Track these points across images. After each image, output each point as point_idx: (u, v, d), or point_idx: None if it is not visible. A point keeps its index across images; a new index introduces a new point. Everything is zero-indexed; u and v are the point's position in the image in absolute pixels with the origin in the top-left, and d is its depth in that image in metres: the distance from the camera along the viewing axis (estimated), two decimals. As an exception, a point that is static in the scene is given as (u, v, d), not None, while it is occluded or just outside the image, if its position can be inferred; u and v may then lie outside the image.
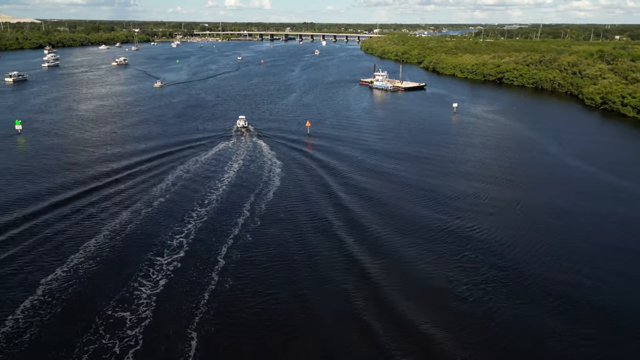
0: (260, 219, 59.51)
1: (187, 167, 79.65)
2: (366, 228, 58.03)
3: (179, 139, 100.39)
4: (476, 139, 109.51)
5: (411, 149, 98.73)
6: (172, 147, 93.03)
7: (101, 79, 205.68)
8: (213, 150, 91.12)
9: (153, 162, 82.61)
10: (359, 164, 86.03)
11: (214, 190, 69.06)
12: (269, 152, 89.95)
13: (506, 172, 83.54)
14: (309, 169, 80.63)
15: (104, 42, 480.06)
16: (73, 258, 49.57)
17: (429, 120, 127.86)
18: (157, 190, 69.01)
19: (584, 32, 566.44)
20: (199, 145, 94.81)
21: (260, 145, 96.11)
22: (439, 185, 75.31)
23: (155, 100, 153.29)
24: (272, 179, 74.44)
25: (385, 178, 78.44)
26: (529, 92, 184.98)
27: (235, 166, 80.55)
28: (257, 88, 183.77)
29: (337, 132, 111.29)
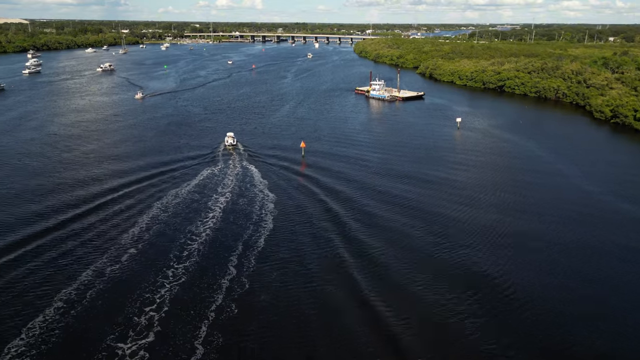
0: (248, 280, 50.20)
1: (165, 204, 70.00)
2: (376, 269, 49.85)
3: (158, 164, 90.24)
4: (484, 159, 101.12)
5: (415, 171, 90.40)
6: (150, 175, 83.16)
7: (82, 88, 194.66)
8: (196, 179, 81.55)
9: (125, 197, 72.65)
10: (360, 191, 77.36)
11: (195, 237, 59.54)
12: (260, 181, 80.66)
13: (522, 199, 76.05)
14: (304, 203, 71.47)
15: (90, 45, 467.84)
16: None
17: (431, 137, 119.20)
18: (126, 239, 59.16)
19: (577, 34, 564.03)
20: (181, 172, 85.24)
21: (250, 171, 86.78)
22: (449, 215, 67.85)
23: (136, 114, 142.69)
24: (263, 219, 65.19)
25: (389, 206, 70.56)
26: (531, 102, 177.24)
27: (221, 201, 71.15)
28: (247, 98, 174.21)
29: (334, 153, 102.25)
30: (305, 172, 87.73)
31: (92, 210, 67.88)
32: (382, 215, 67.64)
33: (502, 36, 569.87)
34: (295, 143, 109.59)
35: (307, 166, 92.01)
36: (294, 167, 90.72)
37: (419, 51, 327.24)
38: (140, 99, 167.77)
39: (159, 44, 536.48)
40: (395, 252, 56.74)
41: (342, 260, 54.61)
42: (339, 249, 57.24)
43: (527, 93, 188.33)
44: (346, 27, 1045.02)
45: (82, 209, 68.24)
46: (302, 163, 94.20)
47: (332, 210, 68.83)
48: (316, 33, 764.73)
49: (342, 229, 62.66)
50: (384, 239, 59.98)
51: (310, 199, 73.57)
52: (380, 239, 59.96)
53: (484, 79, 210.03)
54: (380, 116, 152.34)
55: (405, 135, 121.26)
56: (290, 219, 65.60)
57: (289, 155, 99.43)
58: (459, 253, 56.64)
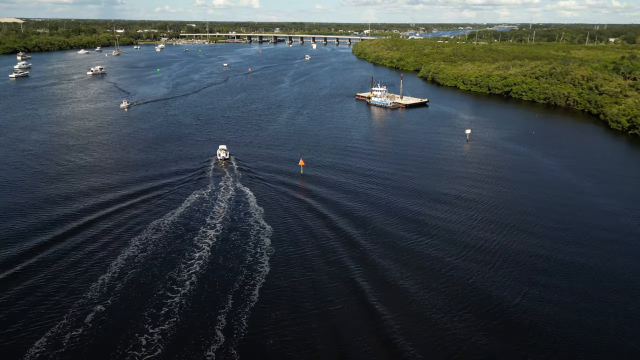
0: (238, 352, 41.39)
1: (143, 241, 60.84)
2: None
3: (139, 188, 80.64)
4: (498, 175, 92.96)
5: (426, 190, 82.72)
6: (127, 202, 73.76)
7: (67, 94, 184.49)
8: (182, 206, 72.55)
9: (96, 232, 62.98)
10: (367, 217, 69.33)
11: (177, 287, 50.56)
12: (254, 209, 71.89)
13: (542, 221, 69.41)
14: (304, 237, 62.79)
15: (83, 46, 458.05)
16: None
17: (440, 151, 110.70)
18: (93, 291, 49.69)
19: (578, 35, 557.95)
20: (165, 197, 76.24)
21: (244, 195, 78.02)
22: (468, 236, 59.75)
23: (120, 126, 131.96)
24: (259, 260, 56.38)
25: (398, 232, 62.45)
26: (540, 109, 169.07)
27: (210, 237, 62.34)
28: (243, 106, 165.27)
29: (335, 170, 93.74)
30: (304, 196, 79.02)
31: (48, 251, 58.54)
32: (397, 249, 59.10)
33: (502, 37, 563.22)
34: (293, 158, 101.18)
35: (306, 188, 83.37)
36: (292, 189, 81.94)
37: (419, 53, 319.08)
38: (126, 108, 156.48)
39: (154, 44, 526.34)
40: (426, 303, 48.22)
41: (354, 321, 45.95)
42: (345, 303, 48.61)
43: (535, 99, 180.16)
44: (343, 26, 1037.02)
45: (34, 247, 58.68)
46: (300, 184, 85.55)
47: (335, 249, 60.16)
48: (314, 33, 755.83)
49: (348, 274, 54.03)
50: (402, 286, 51.44)
51: (311, 230, 64.90)
52: (398, 285, 51.41)
53: (489, 84, 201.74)
54: (383, 126, 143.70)
55: (412, 149, 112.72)
56: (289, 260, 56.83)
57: (287, 173, 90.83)
58: (483, 281, 50.56)
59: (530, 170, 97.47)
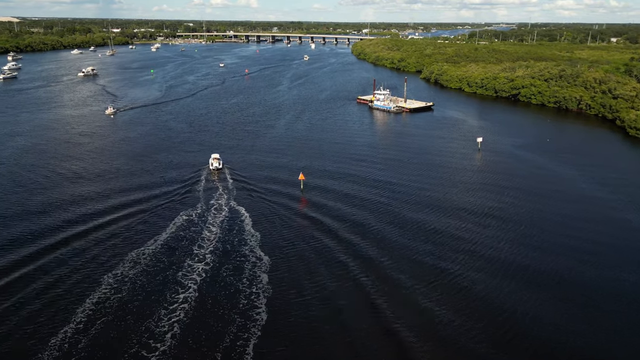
0: None
1: (119, 278, 52.18)
2: None
3: (118, 208, 71.92)
4: (517, 187, 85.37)
5: (438, 204, 76.34)
6: (102, 225, 65.37)
7: (53, 98, 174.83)
8: (167, 231, 63.90)
9: (61, 266, 54.43)
10: (376, 239, 61.44)
11: (156, 343, 42.08)
12: (250, 234, 63.58)
13: (570, 241, 62.54)
14: (306, 271, 54.58)
15: (77, 46, 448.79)
16: None
17: (450, 161, 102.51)
18: (56, 343, 41.76)
19: (579, 34, 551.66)
20: (148, 221, 67.58)
21: (238, 217, 69.69)
22: (487, 256, 51.09)
23: (106, 134, 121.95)
24: (254, 303, 47.98)
25: (409, 257, 54.22)
26: (551, 113, 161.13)
27: (198, 272, 53.91)
28: (239, 111, 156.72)
29: (338, 184, 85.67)
30: (305, 217, 70.77)
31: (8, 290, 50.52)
32: (413, 276, 50.96)
33: (503, 37, 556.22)
34: (292, 168, 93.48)
35: (307, 206, 75.13)
36: (291, 209, 73.62)
37: (421, 54, 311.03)
38: (112, 115, 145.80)
39: (150, 44, 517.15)
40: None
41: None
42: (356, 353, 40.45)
43: (545, 103, 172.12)
44: (342, 26, 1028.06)
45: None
46: (300, 202, 77.32)
47: (342, 286, 51.97)
48: (312, 32, 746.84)
49: (361, 322, 45.86)
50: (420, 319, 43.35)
51: (315, 262, 56.67)
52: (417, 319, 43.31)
53: (496, 87, 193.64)
54: (388, 133, 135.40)
55: (421, 158, 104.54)
56: (288, 305, 48.47)
57: (286, 188, 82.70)
58: (503, 299, 44.44)
59: (549, 181, 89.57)
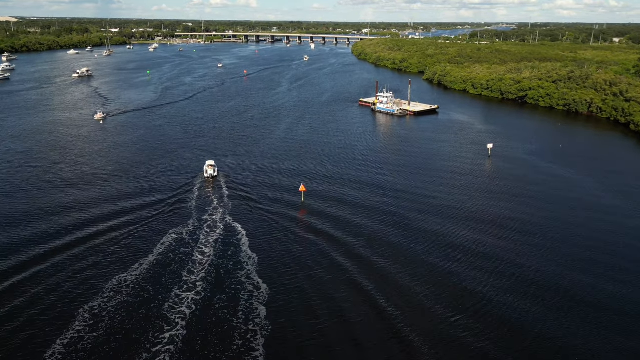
0: None
1: (96, 311, 46.16)
2: None
3: (100, 223, 66.19)
4: (532, 196, 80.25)
5: (450, 218, 69.83)
6: (80, 243, 59.59)
7: (43, 101, 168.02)
8: (154, 253, 57.82)
9: (35, 294, 48.75)
10: (386, 260, 55.55)
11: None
12: (247, 255, 57.76)
13: (595, 256, 56.98)
14: (309, 297, 48.87)
15: (74, 46, 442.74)
16: None
17: (460, 169, 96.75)
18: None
19: (581, 34, 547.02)
20: (132, 240, 61.65)
21: (234, 234, 63.91)
22: (506, 272, 44.94)
23: (94, 141, 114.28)
24: (250, 343, 42.18)
25: (431, 279, 48.42)
26: (560, 116, 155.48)
27: (187, 303, 47.88)
28: (237, 115, 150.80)
29: (341, 194, 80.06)
30: (306, 233, 65.05)
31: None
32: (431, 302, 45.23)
33: (504, 37, 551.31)
34: (292, 176, 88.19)
35: (308, 221, 69.42)
36: (291, 223, 67.93)
37: (423, 54, 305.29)
38: (101, 120, 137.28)
39: (148, 44, 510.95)
40: None
41: None
42: None
43: (554, 106, 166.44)
44: (341, 26, 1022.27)
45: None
46: (301, 216, 71.59)
47: (353, 315, 46.25)
48: (311, 32, 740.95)
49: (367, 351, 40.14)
50: None
51: (319, 290, 50.92)
52: None
53: (502, 89, 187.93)
54: (392, 138, 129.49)
55: (429, 165, 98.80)
56: (288, 347, 42.76)
57: (286, 200, 77.05)
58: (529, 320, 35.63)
59: (565, 190, 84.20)
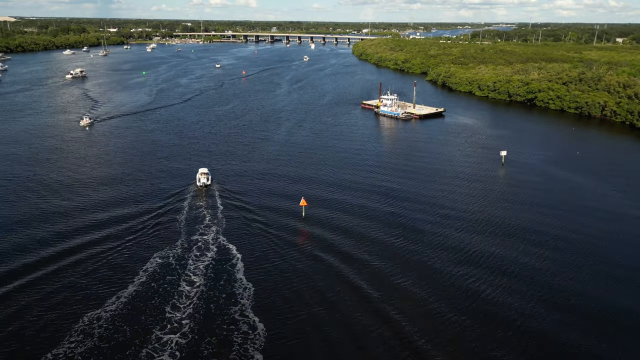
0: None
1: (64, 357, 39.67)
2: None
3: (79, 247, 59.22)
4: (555, 213, 72.65)
5: (467, 233, 62.67)
6: (57, 272, 52.61)
7: (31, 104, 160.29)
8: (135, 282, 50.84)
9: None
10: (397, 288, 48.30)
11: None
12: (242, 285, 50.82)
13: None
14: (312, 339, 42.05)
15: (70, 46, 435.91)
16: None
17: (472, 178, 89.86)
18: None
19: (583, 34, 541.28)
20: (112, 262, 55.00)
21: (227, 258, 57.02)
22: None
23: (78, 149, 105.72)
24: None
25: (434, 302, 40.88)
26: (572, 120, 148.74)
27: (170, 349, 40.98)
28: (234, 119, 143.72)
29: (346, 206, 73.30)
30: (309, 253, 58.20)
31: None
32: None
33: (506, 37, 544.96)
34: (292, 186, 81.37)
35: (310, 238, 62.62)
36: (292, 242, 61.14)
37: (425, 55, 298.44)
38: (87, 126, 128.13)
39: (146, 44, 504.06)
40: None
41: None
42: None
43: (565, 109, 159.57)
44: (341, 25, 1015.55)
45: None
46: (302, 234, 64.76)
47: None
48: (311, 32, 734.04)
49: None
50: None
51: (321, 330, 44.07)
52: None
53: (509, 90, 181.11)
54: (398, 143, 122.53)
55: (439, 175, 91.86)
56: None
57: (285, 214, 70.29)
58: None
59: (587, 202, 77.13)
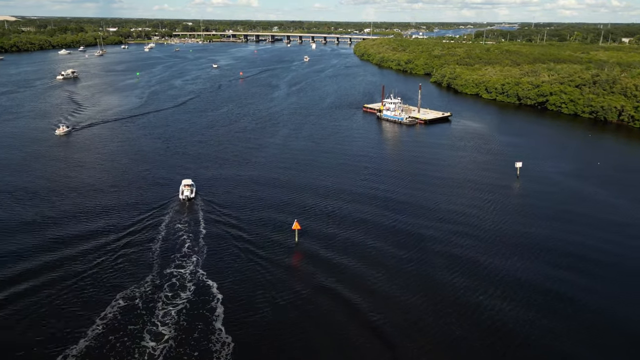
0: None
1: None
2: None
3: (16, 283, 50.82)
4: (581, 236, 63.44)
5: (476, 265, 52.83)
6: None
7: (11, 108, 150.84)
8: (88, 336, 42.28)
9: None
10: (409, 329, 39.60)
11: None
12: (220, 340, 42.16)
13: None
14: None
15: (67, 46, 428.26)
16: None
17: (484, 193, 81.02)
18: None
19: (589, 34, 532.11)
20: (63, 307, 46.39)
21: (207, 300, 48.39)
22: None
23: (48, 162, 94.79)
24: None
25: None
26: (586, 125, 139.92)
27: None
28: (228, 124, 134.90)
29: (344, 223, 64.71)
30: (300, 292, 49.55)
31: None
32: None
33: (510, 37, 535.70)
34: (285, 203, 72.76)
35: (304, 267, 53.99)
36: (282, 278, 52.45)
37: (429, 55, 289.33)
38: (63, 135, 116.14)
39: (144, 44, 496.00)
40: None
41: None
42: None
43: (579, 113, 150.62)
44: (343, 25, 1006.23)
45: None
46: (295, 256, 56.18)
47: None
48: (313, 32, 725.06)
49: None
50: None
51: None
52: None
53: (519, 93, 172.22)
54: (401, 151, 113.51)
55: (448, 188, 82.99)
56: None
57: (275, 240, 61.65)
58: None
59: (620, 223, 68.19)
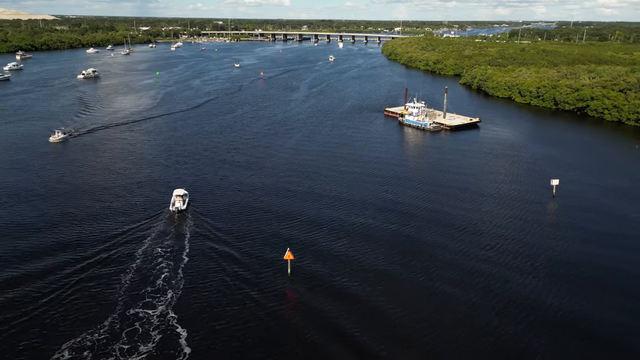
0: None
1: None
2: None
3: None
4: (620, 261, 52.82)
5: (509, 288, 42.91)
6: None
7: (22, 109, 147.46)
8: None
9: None
10: None
11: None
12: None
13: None
14: None
15: (96, 44, 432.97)
16: None
17: (514, 215, 70.77)
18: None
19: (632, 34, 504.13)
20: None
21: (169, 357, 40.84)
22: None
23: (32, 174, 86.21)
24: None
25: None
26: (631, 133, 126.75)
27: None
28: (239, 129, 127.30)
29: (344, 253, 55.86)
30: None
31: None
32: None
33: (547, 36, 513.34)
34: (283, 228, 64.25)
35: (297, 312, 45.67)
36: (270, 325, 44.28)
37: (459, 55, 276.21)
38: (58, 142, 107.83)
39: (172, 42, 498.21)
40: None
41: None
42: None
43: (624, 120, 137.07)
44: (373, 24, 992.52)
45: None
46: (288, 294, 47.94)
47: None
48: (342, 31, 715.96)
49: None
50: None
51: None
52: None
53: (556, 97, 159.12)
54: (425, 163, 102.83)
55: (472, 205, 73.06)
56: None
57: (266, 273, 53.56)
58: None
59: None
